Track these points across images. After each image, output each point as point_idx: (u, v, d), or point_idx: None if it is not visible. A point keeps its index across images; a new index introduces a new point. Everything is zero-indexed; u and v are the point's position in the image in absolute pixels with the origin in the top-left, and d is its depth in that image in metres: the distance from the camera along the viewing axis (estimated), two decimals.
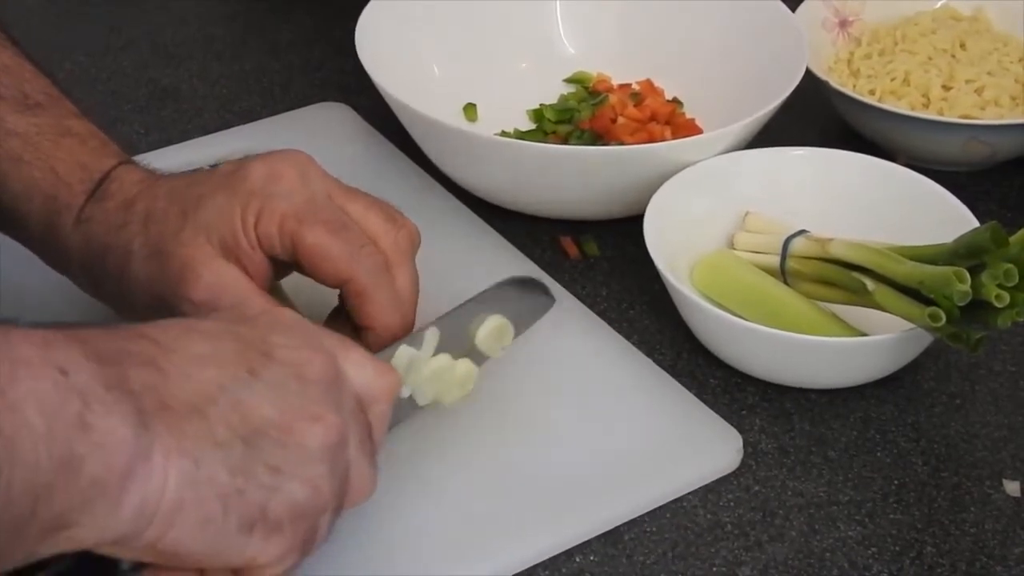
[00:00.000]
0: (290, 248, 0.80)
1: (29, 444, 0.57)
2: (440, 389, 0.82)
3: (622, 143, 1.07)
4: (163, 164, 0.87)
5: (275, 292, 0.85)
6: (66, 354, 0.60)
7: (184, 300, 0.79)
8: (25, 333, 0.59)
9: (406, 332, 0.82)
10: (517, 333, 0.87)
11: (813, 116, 1.13)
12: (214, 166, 0.85)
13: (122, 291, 0.82)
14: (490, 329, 0.84)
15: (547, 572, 0.80)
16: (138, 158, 1.03)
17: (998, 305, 0.83)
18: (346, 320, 0.83)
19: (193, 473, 0.63)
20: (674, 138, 1.08)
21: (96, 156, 0.85)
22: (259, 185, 0.80)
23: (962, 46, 1.14)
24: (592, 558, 0.81)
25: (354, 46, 1.05)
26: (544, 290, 0.90)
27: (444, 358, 0.82)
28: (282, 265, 0.83)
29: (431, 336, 0.81)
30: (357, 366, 0.72)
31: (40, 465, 0.57)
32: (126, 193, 0.83)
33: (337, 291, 0.83)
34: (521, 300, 0.88)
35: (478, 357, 0.84)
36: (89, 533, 0.61)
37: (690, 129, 1.10)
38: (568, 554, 0.81)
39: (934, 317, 0.83)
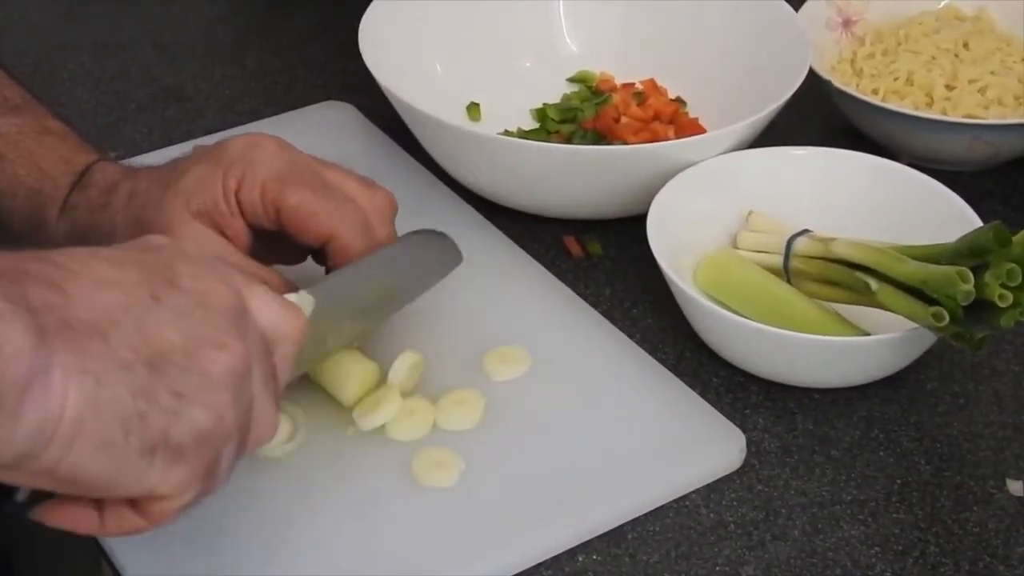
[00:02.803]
0: (273, 212, 0.82)
1: None
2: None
3: (625, 143, 1.07)
4: None
5: None
6: None
7: None
8: None
9: None
10: (426, 288, 0.90)
11: (816, 116, 1.13)
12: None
13: None
14: (408, 365, 0.86)
15: (550, 571, 0.80)
16: (141, 157, 1.05)
17: (1001, 305, 0.83)
18: None
19: (94, 392, 0.61)
20: (677, 137, 1.08)
21: (77, 151, 0.88)
22: (240, 153, 0.83)
23: (965, 46, 1.14)
24: (595, 557, 0.81)
25: (357, 45, 1.05)
26: (451, 244, 0.92)
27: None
28: (263, 238, 0.84)
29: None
30: (264, 305, 0.71)
31: None
32: (109, 180, 0.86)
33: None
34: (427, 255, 0.91)
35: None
36: None
37: (693, 128, 1.10)
38: (571, 553, 0.81)
39: (937, 317, 0.83)
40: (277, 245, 0.85)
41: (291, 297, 0.77)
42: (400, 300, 0.90)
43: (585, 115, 1.12)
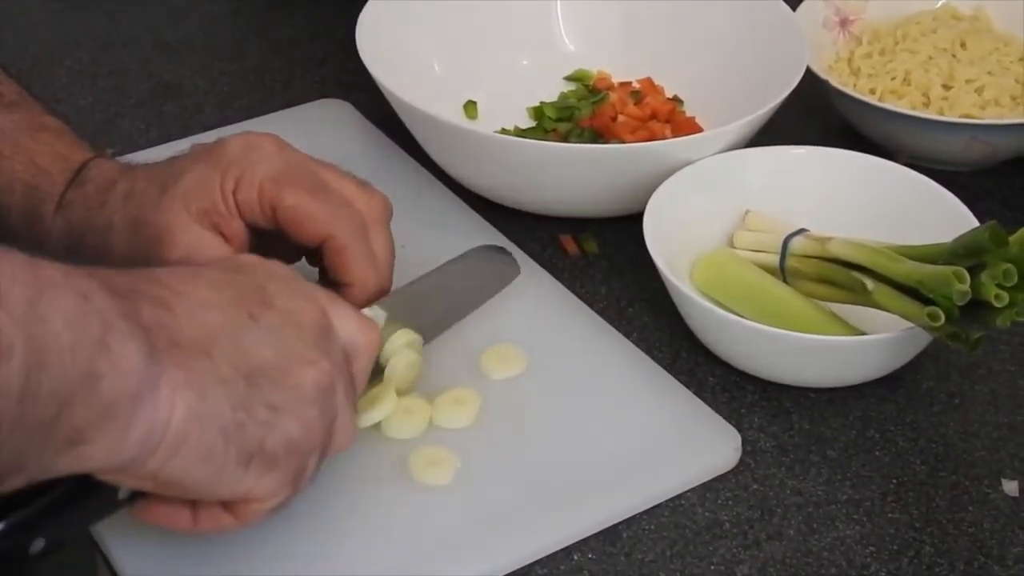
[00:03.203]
0: (270, 212, 0.83)
1: (56, 353, 0.59)
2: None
3: (622, 141, 1.08)
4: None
5: None
6: (86, 283, 0.63)
7: (161, 263, 0.81)
8: (49, 261, 0.62)
9: (382, 293, 0.86)
10: (481, 302, 0.93)
11: (813, 115, 1.13)
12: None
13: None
14: (405, 363, 0.86)
15: (545, 570, 0.80)
16: (139, 153, 1.04)
17: (997, 305, 0.83)
18: (324, 285, 0.85)
19: (198, 406, 0.66)
20: (674, 136, 1.08)
21: (73, 148, 0.89)
22: (238, 154, 0.84)
23: (963, 46, 1.14)
24: (590, 556, 0.81)
25: (355, 43, 1.05)
26: (510, 259, 0.94)
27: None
28: (261, 238, 0.85)
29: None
30: (344, 319, 0.76)
31: (65, 375, 0.60)
32: (106, 177, 0.86)
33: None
34: (485, 269, 0.93)
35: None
36: (99, 453, 0.63)
37: (690, 127, 1.10)
38: (566, 552, 0.81)
39: (933, 316, 0.83)
40: (273, 244, 0.85)
41: (366, 312, 0.81)
42: (457, 314, 0.92)
43: (582, 113, 1.12)
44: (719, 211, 0.98)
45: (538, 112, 1.14)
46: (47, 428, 0.60)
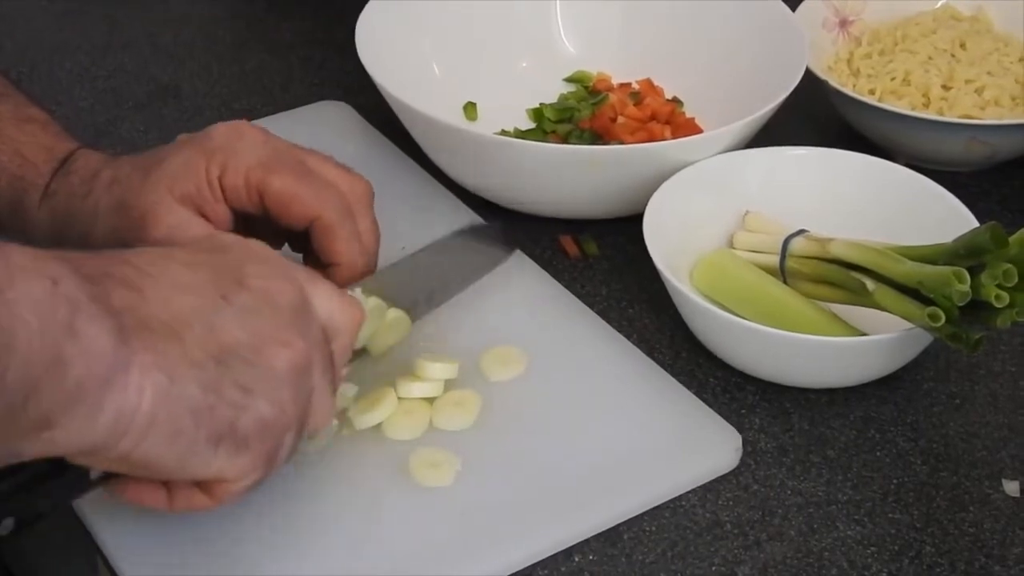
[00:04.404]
0: (257, 198, 0.84)
1: (24, 339, 0.59)
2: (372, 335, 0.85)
3: (622, 142, 1.07)
4: None
5: None
6: (56, 267, 0.63)
7: (146, 244, 0.82)
8: (19, 246, 0.62)
9: (368, 272, 0.87)
10: (471, 281, 0.92)
11: (813, 116, 1.13)
12: None
13: None
14: (386, 324, 0.86)
15: (546, 571, 0.80)
16: None
17: (997, 305, 0.83)
18: (311, 266, 0.86)
19: (168, 388, 0.66)
20: (674, 137, 1.08)
21: (59, 139, 0.90)
22: (223, 141, 0.85)
23: (962, 46, 1.14)
24: (591, 557, 0.81)
25: (354, 45, 1.05)
26: (502, 239, 0.94)
27: (375, 301, 0.85)
28: (244, 223, 0.86)
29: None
30: (324, 298, 0.75)
31: (32, 360, 0.60)
32: (90, 167, 0.87)
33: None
34: (474, 251, 0.93)
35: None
36: (68, 437, 0.63)
37: (690, 128, 1.10)
38: (567, 553, 0.81)
39: (933, 317, 0.83)
40: (256, 229, 0.86)
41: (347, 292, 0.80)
42: (445, 294, 0.92)
43: (582, 115, 1.12)
44: (719, 212, 0.98)
45: (538, 114, 1.14)
46: (15, 413, 0.60)
